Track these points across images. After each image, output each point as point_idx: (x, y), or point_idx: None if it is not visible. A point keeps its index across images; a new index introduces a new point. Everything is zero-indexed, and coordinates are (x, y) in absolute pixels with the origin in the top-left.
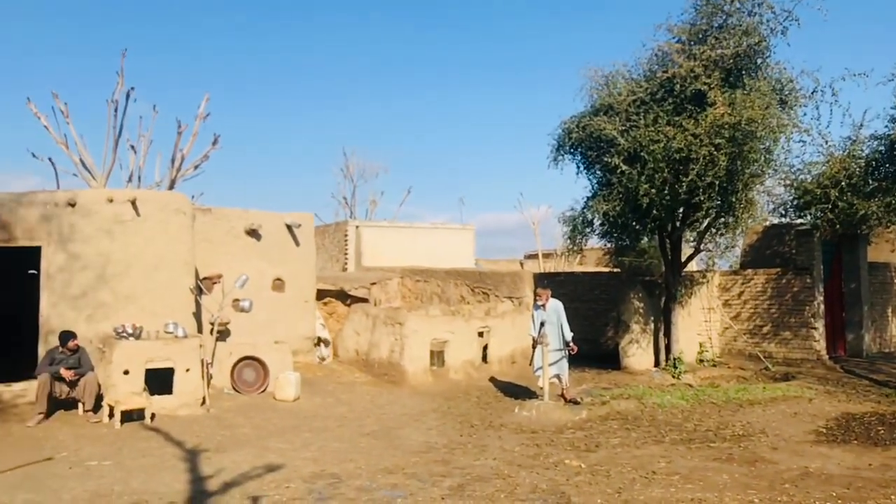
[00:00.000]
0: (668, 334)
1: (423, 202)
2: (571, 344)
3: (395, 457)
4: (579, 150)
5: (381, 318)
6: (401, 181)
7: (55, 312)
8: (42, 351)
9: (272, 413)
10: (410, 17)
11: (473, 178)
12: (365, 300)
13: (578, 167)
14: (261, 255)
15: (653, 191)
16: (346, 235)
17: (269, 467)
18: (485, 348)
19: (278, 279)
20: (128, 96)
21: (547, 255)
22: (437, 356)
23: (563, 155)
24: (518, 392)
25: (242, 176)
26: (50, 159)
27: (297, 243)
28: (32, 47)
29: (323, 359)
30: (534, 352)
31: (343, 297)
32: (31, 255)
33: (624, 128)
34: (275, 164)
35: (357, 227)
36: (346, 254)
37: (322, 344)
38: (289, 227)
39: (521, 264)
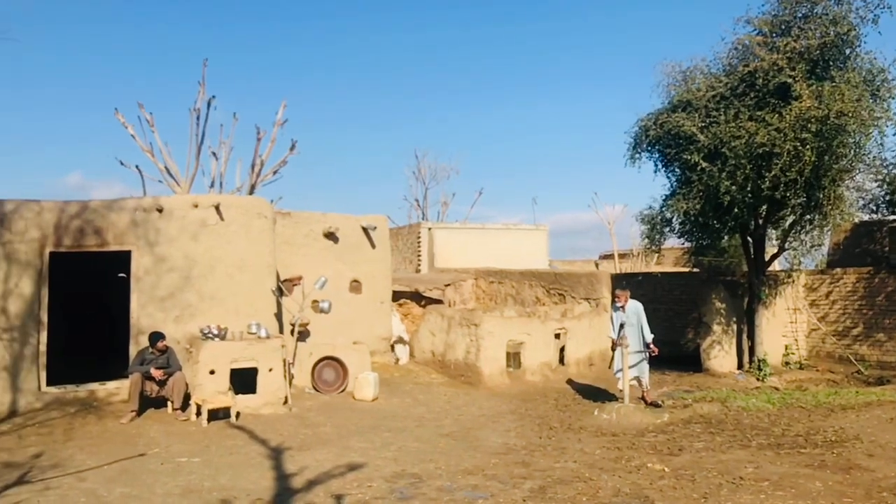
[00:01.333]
0: (751, 336)
1: (494, 203)
2: (652, 346)
3: (474, 458)
4: (657, 147)
5: (457, 319)
6: (472, 182)
7: (144, 313)
8: (133, 351)
9: (352, 413)
10: (480, 17)
11: (546, 178)
12: (439, 301)
13: (656, 165)
14: (338, 257)
15: (734, 188)
16: (418, 237)
17: (351, 466)
18: (561, 350)
19: (355, 281)
20: (209, 105)
21: (623, 256)
22: (514, 358)
23: (640, 153)
24: (597, 394)
25: (316, 179)
26: (137, 167)
27: (373, 245)
28: (120, 61)
29: (398, 360)
30: (613, 354)
31: (417, 298)
32: (121, 259)
33: (703, 124)
34: (347, 167)
35: (430, 228)
36: (419, 255)
37: (400, 344)
38: (365, 230)
39: (597, 265)
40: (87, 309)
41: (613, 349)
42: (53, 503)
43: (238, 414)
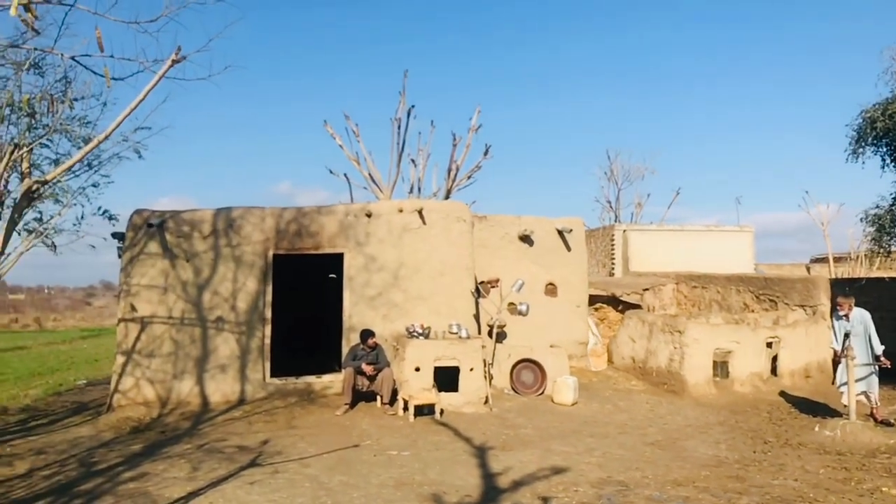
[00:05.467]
0: None
1: (692, 203)
2: (882, 358)
3: (683, 469)
4: (885, 140)
5: (659, 325)
6: (668, 182)
7: (355, 311)
8: (345, 347)
9: (551, 416)
10: (669, 14)
11: (748, 177)
12: (637, 306)
13: (884, 160)
14: (533, 259)
15: None
16: (612, 240)
17: (555, 469)
18: (774, 360)
19: (550, 284)
20: (409, 114)
21: (838, 259)
22: (720, 367)
23: (864, 147)
24: (815, 409)
25: (509, 182)
26: (345, 175)
27: (569, 248)
28: (329, 75)
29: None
30: (836, 366)
31: (614, 302)
32: (331, 261)
33: None
34: (538, 169)
35: (624, 230)
36: (612, 259)
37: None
38: (560, 232)
39: (808, 269)
40: (303, 307)
41: (836, 361)
42: (283, 486)
43: (442, 411)
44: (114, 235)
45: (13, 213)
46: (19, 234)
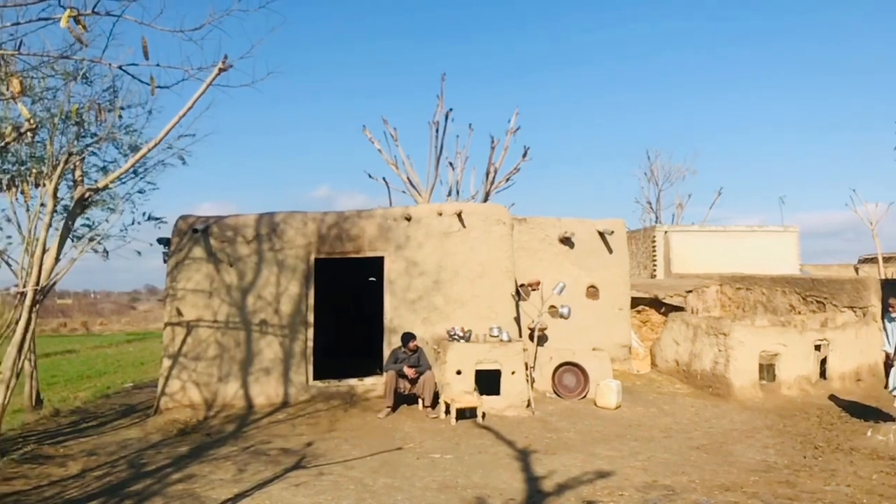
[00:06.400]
0: None
1: (734, 203)
2: None
3: (730, 473)
4: None
5: (703, 327)
6: (709, 182)
7: (396, 314)
8: (386, 350)
9: (594, 419)
10: (707, 7)
11: (792, 176)
12: (681, 308)
13: None
14: (574, 262)
15: None
16: (653, 241)
17: (600, 473)
18: (822, 363)
19: (592, 286)
20: (447, 117)
21: (888, 259)
22: (767, 370)
23: None
24: (866, 413)
25: (547, 184)
26: (384, 179)
27: (610, 250)
28: (367, 81)
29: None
30: (889, 369)
31: (657, 305)
32: (371, 264)
33: None
34: (577, 170)
35: (666, 232)
36: (654, 260)
37: (630, 352)
38: (601, 234)
39: (856, 269)
40: (343, 310)
41: (888, 364)
42: (328, 488)
43: (484, 414)
44: (159, 241)
45: (67, 220)
46: (72, 240)
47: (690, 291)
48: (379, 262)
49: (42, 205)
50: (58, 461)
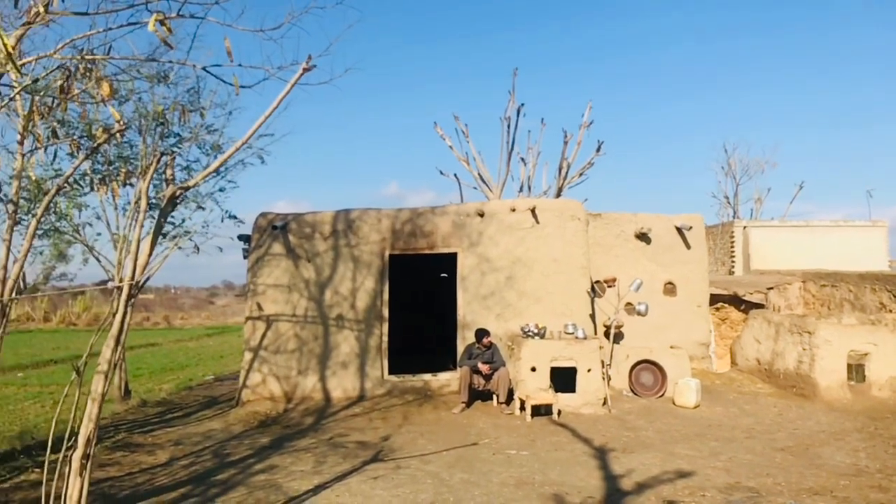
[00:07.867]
0: None
1: (817, 197)
2: None
3: (818, 477)
4: None
5: (786, 325)
6: (790, 176)
7: (469, 310)
8: (460, 346)
9: (673, 418)
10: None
11: (879, 169)
12: (761, 306)
13: None
14: (650, 258)
15: None
16: (731, 237)
17: (680, 473)
18: None
19: (669, 283)
20: (518, 112)
21: None
22: (856, 370)
23: None
24: None
25: (621, 179)
26: (455, 175)
27: (688, 246)
28: (439, 78)
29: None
30: None
31: (736, 302)
32: (443, 260)
33: None
34: (651, 165)
35: (745, 227)
36: (732, 256)
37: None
38: (678, 230)
39: None
40: (417, 306)
41: None
42: (405, 481)
43: (559, 412)
44: (240, 237)
45: (160, 217)
46: (163, 237)
47: (771, 288)
48: (452, 258)
49: (136, 201)
50: (147, 449)
